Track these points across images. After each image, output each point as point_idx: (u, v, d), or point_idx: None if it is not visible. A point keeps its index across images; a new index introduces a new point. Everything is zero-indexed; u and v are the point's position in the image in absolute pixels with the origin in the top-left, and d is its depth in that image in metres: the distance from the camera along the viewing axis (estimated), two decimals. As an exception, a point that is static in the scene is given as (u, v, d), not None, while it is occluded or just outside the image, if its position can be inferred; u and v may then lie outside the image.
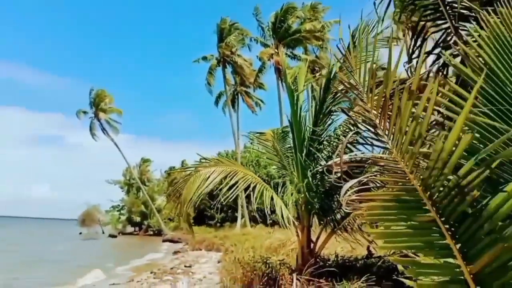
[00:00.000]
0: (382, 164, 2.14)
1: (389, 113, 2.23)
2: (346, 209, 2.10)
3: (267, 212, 7.09)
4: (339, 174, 7.84)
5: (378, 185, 5.12)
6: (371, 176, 2.27)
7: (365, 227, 7.33)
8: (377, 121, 2.18)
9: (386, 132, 2.09)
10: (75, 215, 68.02)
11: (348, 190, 2.06)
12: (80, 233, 62.62)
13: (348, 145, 7.71)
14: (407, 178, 1.93)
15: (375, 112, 2.21)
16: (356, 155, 3.48)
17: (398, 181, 1.99)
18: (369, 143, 3.29)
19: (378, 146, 2.76)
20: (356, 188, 2.08)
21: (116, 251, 35.94)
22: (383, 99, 2.21)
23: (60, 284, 15.21)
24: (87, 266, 20.58)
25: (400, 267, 2.15)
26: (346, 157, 2.59)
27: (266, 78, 37.98)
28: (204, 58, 38.83)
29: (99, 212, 64.50)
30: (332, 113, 7.88)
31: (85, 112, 52.68)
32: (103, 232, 62.58)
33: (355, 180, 2.12)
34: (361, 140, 3.40)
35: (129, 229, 64.95)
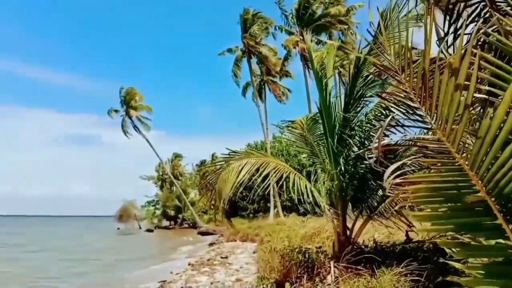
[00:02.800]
0: (426, 145, 2.07)
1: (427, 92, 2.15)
2: (389, 192, 2.04)
3: (302, 200, 7.06)
4: (372, 160, 7.73)
5: (414, 168, 5.00)
6: (414, 158, 2.20)
7: (405, 212, 7.20)
8: (418, 102, 2.11)
9: (429, 112, 2.01)
10: (111, 211, 70.14)
11: (390, 173, 2.01)
12: (118, 229, 64.47)
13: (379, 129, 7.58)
14: (453, 158, 1.85)
15: (414, 92, 2.13)
16: (391, 139, 3.39)
17: (444, 162, 1.91)
18: (404, 125, 3.20)
19: (418, 127, 2.68)
20: (399, 172, 2.01)
21: (154, 245, 36.81)
22: (422, 78, 2.13)
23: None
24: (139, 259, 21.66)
25: (448, 250, 2.07)
26: (386, 141, 2.52)
27: (292, 66, 37.68)
28: (229, 50, 38.81)
29: (135, 208, 66.14)
30: (362, 98, 7.71)
31: (116, 111, 53.76)
32: (140, 227, 64.15)
33: (399, 163, 2.05)
34: (398, 123, 3.32)
35: (165, 223, 66.28)
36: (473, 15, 4.56)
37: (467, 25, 4.57)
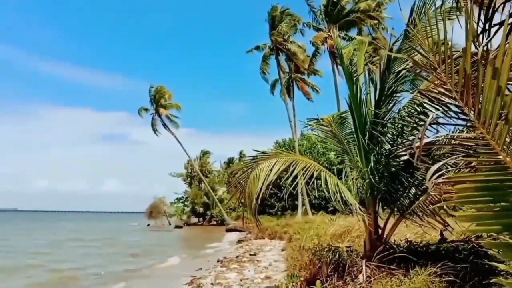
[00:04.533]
0: (467, 143, 1.99)
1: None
2: (431, 192, 1.98)
3: (332, 199, 6.98)
4: (404, 158, 7.57)
5: (452, 167, 4.84)
6: (456, 157, 2.12)
7: (439, 210, 7.02)
8: (459, 99, 2.03)
9: (471, 109, 1.93)
10: (141, 207, 71.63)
11: (433, 173, 1.94)
12: (148, 225, 65.80)
13: (414, 126, 7.38)
14: (498, 157, 1.78)
15: (456, 89, 2.06)
16: (427, 136, 3.29)
17: (488, 161, 1.84)
18: (440, 123, 3.10)
19: (455, 125, 2.59)
20: (440, 172, 1.94)
21: (184, 240, 37.35)
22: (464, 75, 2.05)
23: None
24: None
25: (492, 251, 1.99)
26: (427, 139, 2.44)
27: (320, 63, 37.35)
28: (258, 48, 38.82)
29: (164, 204, 67.29)
30: (394, 94, 7.54)
31: (146, 109, 54.76)
32: (170, 224, 65.22)
33: (441, 163, 1.99)
34: (433, 120, 3.22)
35: (193, 219, 67.15)
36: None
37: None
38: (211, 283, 12.61)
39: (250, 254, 20.18)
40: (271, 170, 7.25)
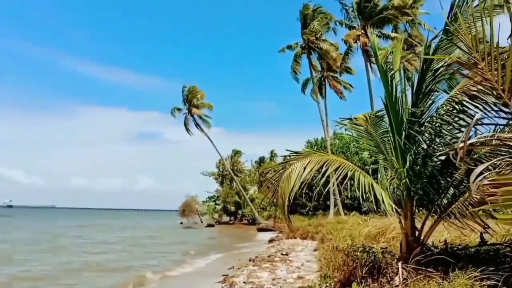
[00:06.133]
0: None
1: None
2: (475, 194, 1.91)
3: (368, 199, 6.87)
4: (442, 158, 7.36)
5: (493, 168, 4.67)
6: (503, 158, 2.04)
7: (479, 212, 6.79)
8: (506, 96, 1.95)
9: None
10: (173, 205, 72.90)
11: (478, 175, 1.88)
12: (181, 223, 66.83)
13: (453, 125, 7.17)
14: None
15: (502, 88, 1.98)
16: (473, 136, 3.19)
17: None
18: (483, 123, 3.01)
19: (499, 124, 2.50)
20: (486, 174, 1.88)
21: (217, 239, 37.71)
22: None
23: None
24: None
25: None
26: (472, 140, 2.37)
27: (353, 61, 36.85)
28: (289, 47, 38.67)
29: (197, 203, 68.18)
30: (432, 92, 7.35)
31: (179, 109, 55.64)
32: (202, 222, 66.03)
33: (486, 164, 1.92)
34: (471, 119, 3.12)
35: (225, 218, 67.76)
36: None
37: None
38: (244, 282, 12.68)
39: (282, 254, 20.15)
40: (304, 170, 7.20)
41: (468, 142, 2.40)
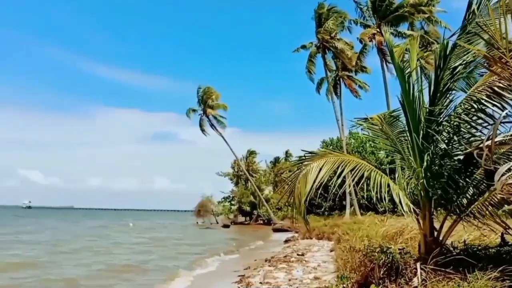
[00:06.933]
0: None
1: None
2: (500, 193, 1.88)
3: (385, 199, 6.81)
4: (461, 157, 7.25)
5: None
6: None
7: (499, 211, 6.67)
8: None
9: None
10: (188, 206, 73.33)
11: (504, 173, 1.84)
12: (197, 223, 67.21)
13: (471, 124, 7.06)
14: None
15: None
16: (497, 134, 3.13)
17: None
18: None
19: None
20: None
21: (233, 238, 37.85)
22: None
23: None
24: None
25: None
26: (499, 138, 2.33)
27: (368, 60, 36.53)
28: (304, 47, 38.55)
29: (212, 203, 68.47)
30: (450, 91, 7.25)
31: (194, 110, 55.99)
32: (217, 222, 66.29)
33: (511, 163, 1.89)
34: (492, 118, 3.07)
35: (240, 218, 67.96)
36: None
37: None
38: (260, 282, 12.68)
39: (298, 254, 20.10)
40: (319, 170, 7.18)
41: (497, 141, 2.36)
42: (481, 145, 5.38)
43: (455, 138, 7.08)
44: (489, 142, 2.21)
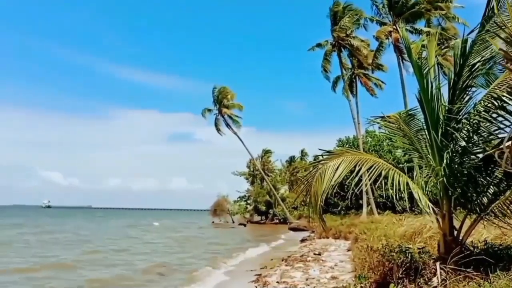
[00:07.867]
0: None
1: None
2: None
3: (403, 198, 6.74)
4: (481, 155, 7.13)
5: None
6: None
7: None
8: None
9: None
10: (204, 205, 73.72)
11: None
12: (213, 222, 67.54)
13: (492, 121, 6.93)
14: None
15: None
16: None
17: None
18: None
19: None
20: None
21: (250, 238, 37.96)
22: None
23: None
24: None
25: None
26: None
27: (384, 58, 36.12)
28: (319, 45, 38.25)
29: (228, 203, 68.72)
30: (469, 88, 7.14)
31: (210, 110, 56.21)
32: (233, 221, 66.46)
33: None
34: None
35: (256, 218, 67.97)
36: None
37: None
38: (277, 282, 12.68)
39: (315, 254, 20.03)
40: (336, 169, 7.13)
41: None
42: (501, 146, 5.29)
43: (475, 136, 6.95)
44: (509, 143, 2.16)
